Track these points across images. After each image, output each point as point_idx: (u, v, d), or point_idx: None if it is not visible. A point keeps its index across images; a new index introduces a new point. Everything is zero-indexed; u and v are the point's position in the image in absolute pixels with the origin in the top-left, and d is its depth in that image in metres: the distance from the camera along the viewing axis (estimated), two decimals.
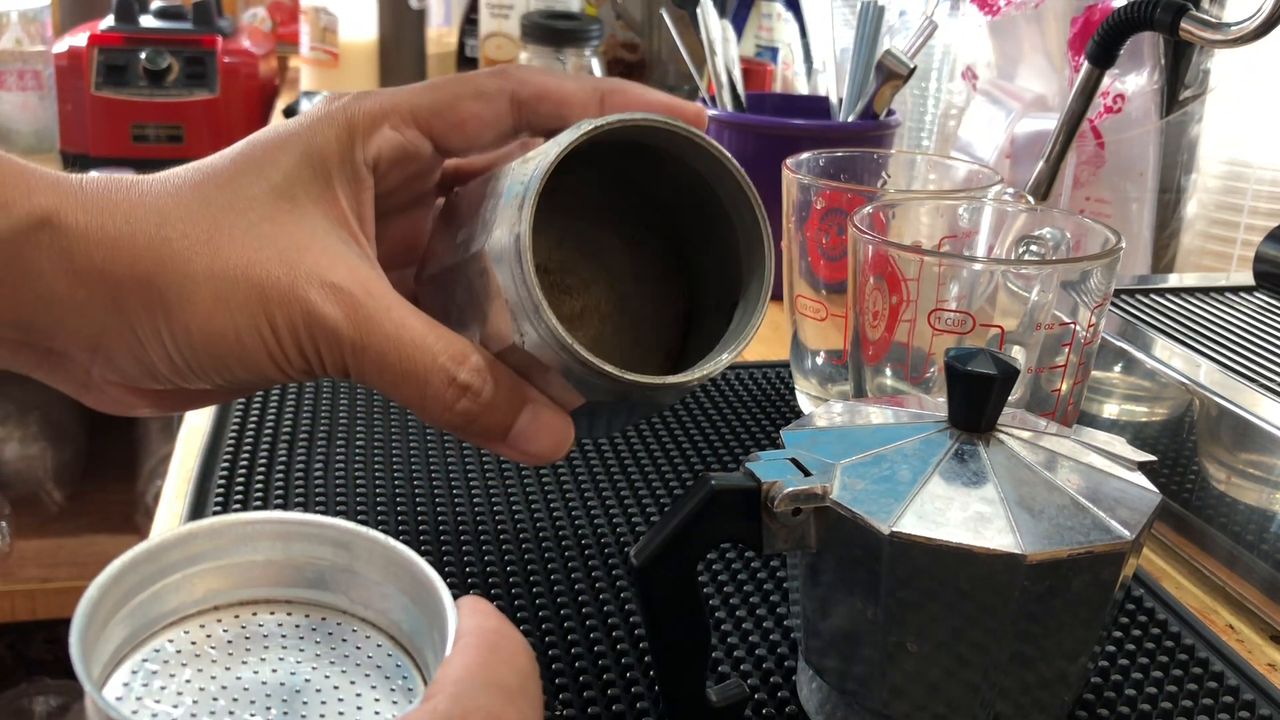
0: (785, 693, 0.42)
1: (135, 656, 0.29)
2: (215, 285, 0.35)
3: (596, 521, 0.53)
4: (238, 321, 0.36)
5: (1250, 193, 0.81)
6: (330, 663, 0.30)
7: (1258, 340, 0.61)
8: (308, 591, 0.31)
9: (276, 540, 0.31)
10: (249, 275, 0.35)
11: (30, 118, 1.65)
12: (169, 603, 0.30)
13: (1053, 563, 0.34)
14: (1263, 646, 0.50)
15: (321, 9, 1.55)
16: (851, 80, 0.85)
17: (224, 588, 0.31)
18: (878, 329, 0.52)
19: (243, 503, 0.52)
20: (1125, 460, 0.39)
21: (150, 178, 0.38)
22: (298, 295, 0.36)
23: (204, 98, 1.55)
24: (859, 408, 0.43)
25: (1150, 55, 0.79)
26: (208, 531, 0.30)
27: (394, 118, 0.39)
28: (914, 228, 0.57)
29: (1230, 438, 0.53)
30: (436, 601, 0.28)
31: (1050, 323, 0.49)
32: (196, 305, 0.35)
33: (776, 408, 0.66)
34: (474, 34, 1.64)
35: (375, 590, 0.31)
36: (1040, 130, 0.83)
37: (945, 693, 0.37)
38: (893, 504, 0.35)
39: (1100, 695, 0.43)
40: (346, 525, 0.31)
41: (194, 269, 0.35)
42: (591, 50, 1.54)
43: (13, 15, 1.62)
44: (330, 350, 0.36)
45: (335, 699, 0.28)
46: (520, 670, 0.26)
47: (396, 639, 0.31)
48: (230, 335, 0.36)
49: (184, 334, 0.36)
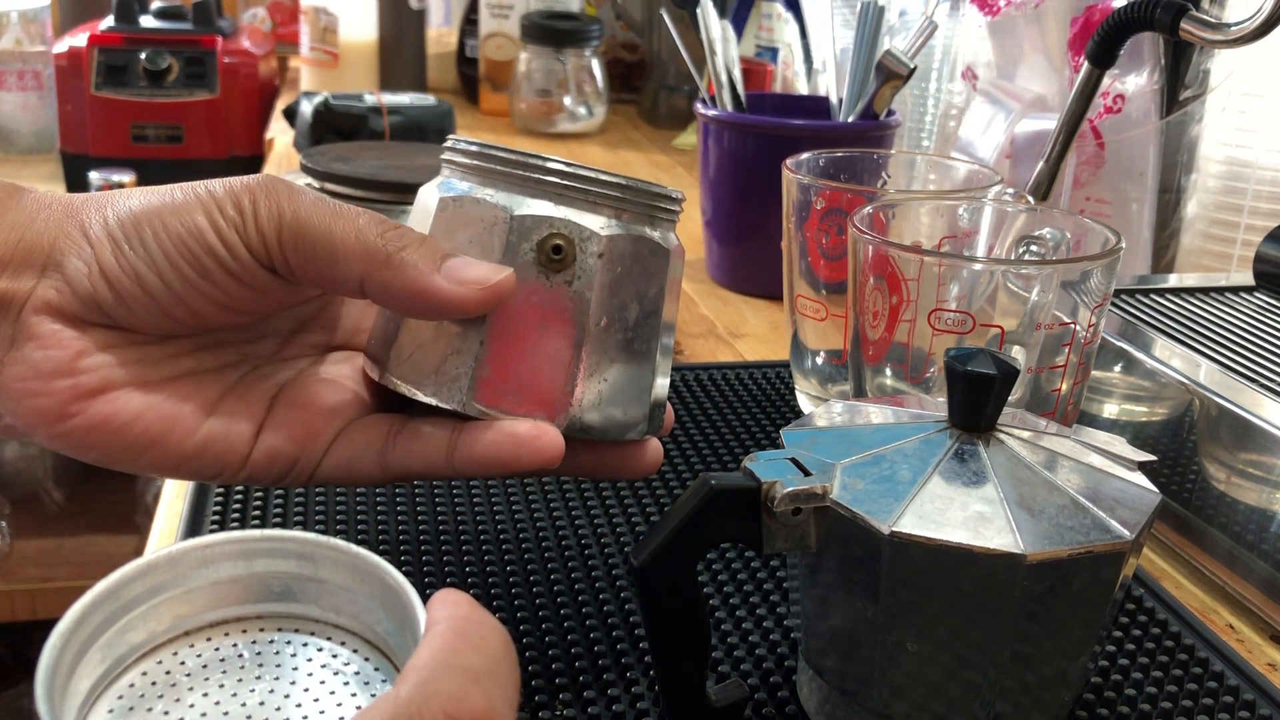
0: (785, 693, 0.42)
1: (110, 694, 0.28)
2: (167, 187, 0.39)
3: (596, 521, 0.53)
4: (182, 192, 0.38)
5: (1250, 193, 0.81)
6: (308, 674, 0.29)
7: (1258, 340, 0.61)
8: (277, 605, 0.31)
9: (238, 559, 0.31)
10: (195, 183, 0.39)
11: (30, 118, 1.65)
12: (138, 635, 0.29)
13: (1053, 563, 0.34)
14: (1263, 646, 0.50)
15: (321, 9, 1.55)
16: (851, 80, 0.85)
17: (192, 612, 0.30)
18: (878, 329, 0.52)
19: (242, 502, 0.52)
20: (1125, 460, 0.39)
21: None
22: (240, 180, 0.39)
23: (204, 98, 1.55)
24: (859, 408, 0.43)
25: (1150, 55, 0.79)
26: (167, 561, 0.30)
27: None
28: (914, 228, 0.57)
29: (1230, 438, 0.53)
30: (405, 603, 0.28)
31: (1050, 323, 0.49)
32: (146, 193, 0.39)
33: (776, 408, 0.66)
34: (474, 34, 1.64)
35: (345, 597, 0.31)
36: (1040, 130, 0.83)
37: (945, 693, 0.37)
38: (893, 504, 0.35)
39: (1100, 695, 0.43)
40: (306, 536, 0.31)
41: (147, 188, 0.39)
42: (591, 50, 1.54)
43: (13, 15, 1.62)
44: (267, 206, 0.38)
45: (316, 711, 0.28)
46: (490, 654, 0.26)
47: (373, 643, 0.31)
48: (170, 198, 0.38)
49: (127, 206, 0.38)
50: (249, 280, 0.38)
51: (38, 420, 0.37)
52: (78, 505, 1.67)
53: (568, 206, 0.39)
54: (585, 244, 0.39)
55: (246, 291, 0.38)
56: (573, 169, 0.39)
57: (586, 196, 0.39)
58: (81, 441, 0.38)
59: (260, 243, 0.37)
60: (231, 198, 0.38)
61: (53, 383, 0.37)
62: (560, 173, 0.39)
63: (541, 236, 0.39)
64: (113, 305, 0.37)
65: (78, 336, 0.37)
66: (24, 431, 0.38)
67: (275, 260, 0.38)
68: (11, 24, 1.62)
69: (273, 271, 0.38)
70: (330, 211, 0.38)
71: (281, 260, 0.38)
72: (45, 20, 1.68)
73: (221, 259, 0.37)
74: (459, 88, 1.72)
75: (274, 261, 0.38)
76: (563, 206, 0.39)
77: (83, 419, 0.37)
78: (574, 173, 0.39)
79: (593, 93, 1.54)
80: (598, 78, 1.55)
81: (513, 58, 1.57)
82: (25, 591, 1.52)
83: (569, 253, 0.39)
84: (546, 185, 0.39)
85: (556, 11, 1.58)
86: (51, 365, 0.37)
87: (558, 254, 0.39)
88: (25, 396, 0.37)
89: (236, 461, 0.40)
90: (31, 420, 0.38)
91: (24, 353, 0.37)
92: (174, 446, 0.39)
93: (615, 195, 0.39)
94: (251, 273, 0.38)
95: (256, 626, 0.31)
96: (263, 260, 0.38)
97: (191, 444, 0.39)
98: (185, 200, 0.38)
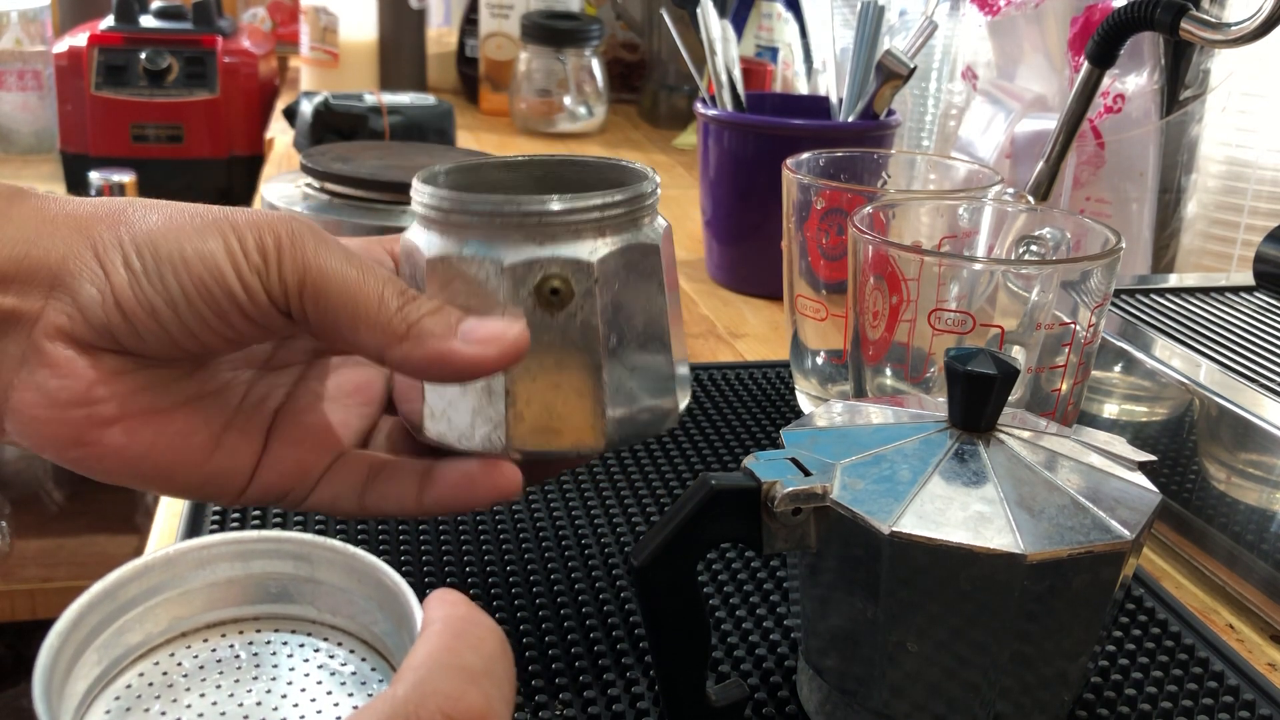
0: (785, 693, 0.42)
1: (107, 695, 0.28)
2: (182, 207, 0.38)
3: (596, 521, 0.53)
4: (202, 220, 0.37)
5: (1250, 193, 0.81)
6: (305, 675, 0.29)
7: (1258, 340, 0.61)
8: (274, 606, 0.31)
9: (235, 560, 0.31)
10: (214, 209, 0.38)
11: (30, 118, 1.65)
12: (135, 636, 0.29)
13: (1053, 562, 0.34)
14: (1263, 646, 0.50)
15: (321, 9, 1.56)
16: (851, 80, 0.85)
17: (188, 614, 0.30)
18: (878, 329, 0.52)
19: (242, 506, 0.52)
20: (1125, 460, 0.39)
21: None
22: (266, 217, 0.38)
23: (204, 98, 1.55)
24: (859, 408, 0.43)
25: (1150, 55, 0.79)
26: (163, 562, 0.30)
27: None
28: (914, 228, 0.57)
29: (1230, 438, 0.53)
30: (402, 603, 0.28)
31: (1050, 323, 0.49)
32: (162, 214, 0.38)
33: (776, 408, 0.66)
34: (474, 34, 1.64)
35: (341, 597, 0.31)
36: (1040, 130, 0.83)
37: (945, 692, 0.37)
38: (893, 504, 0.35)
39: (1100, 695, 0.43)
40: (303, 537, 0.31)
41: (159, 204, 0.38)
42: (591, 50, 1.54)
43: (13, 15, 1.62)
44: (292, 256, 0.37)
45: (313, 712, 0.28)
46: (486, 653, 0.26)
47: (370, 644, 0.31)
48: (189, 225, 0.37)
49: (144, 230, 0.37)
50: (262, 321, 0.38)
51: (50, 446, 0.37)
52: (78, 505, 1.67)
53: (552, 243, 0.38)
54: (579, 276, 0.39)
55: (257, 330, 0.38)
56: (544, 205, 0.38)
57: (567, 227, 0.39)
58: (93, 467, 0.38)
59: (282, 291, 0.37)
60: (255, 237, 0.37)
61: (68, 412, 0.37)
62: (535, 212, 0.38)
63: (536, 281, 0.38)
64: (125, 334, 0.37)
65: (91, 365, 0.37)
66: (32, 450, 0.38)
67: (294, 311, 0.37)
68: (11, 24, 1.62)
69: (288, 316, 0.38)
70: (356, 274, 0.37)
71: (300, 312, 0.37)
72: (45, 20, 1.68)
73: (240, 302, 0.37)
74: (459, 88, 1.72)
75: (292, 311, 0.37)
76: (548, 245, 0.38)
77: (95, 449, 0.37)
78: (547, 209, 0.38)
79: (593, 93, 1.54)
80: (598, 78, 1.55)
81: (513, 58, 1.57)
82: (25, 591, 1.52)
83: (566, 290, 0.39)
84: (526, 227, 0.38)
85: (556, 11, 1.58)
86: (67, 395, 0.37)
87: (555, 295, 0.39)
88: (39, 424, 0.37)
89: (235, 492, 0.41)
90: (43, 445, 0.38)
91: (37, 379, 0.37)
92: (180, 479, 0.40)
93: (595, 216, 0.39)
94: (267, 316, 0.37)
95: (253, 628, 0.31)
96: (281, 308, 0.37)
97: (198, 477, 0.40)
98: (206, 230, 0.37)
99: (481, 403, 0.39)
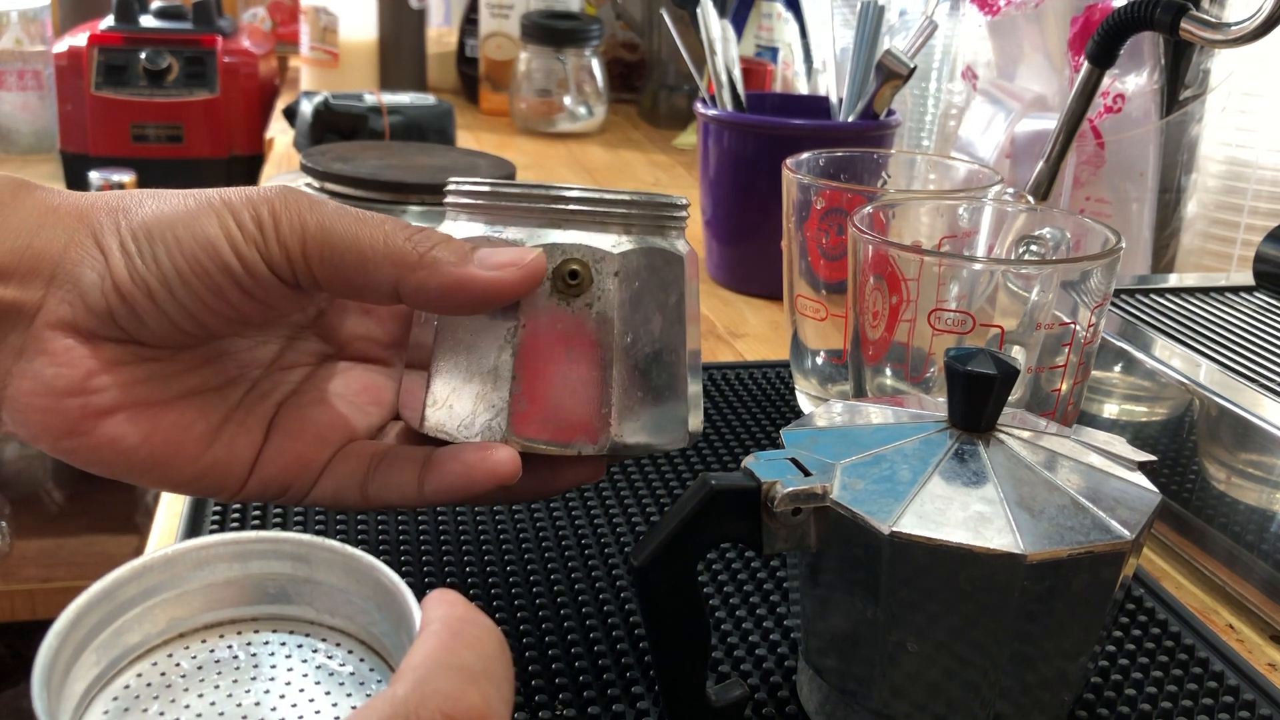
0: (785, 693, 0.42)
1: (105, 695, 0.28)
2: (178, 192, 0.38)
3: (596, 521, 0.53)
4: (195, 201, 0.37)
5: (1250, 193, 0.81)
6: (303, 675, 0.29)
7: (1258, 340, 0.61)
8: (272, 607, 0.31)
9: (233, 561, 0.31)
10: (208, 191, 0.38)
11: (30, 118, 1.65)
12: (133, 636, 0.29)
13: (1053, 563, 0.34)
14: (1263, 646, 0.50)
15: (321, 9, 1.56)
16: (851, 80, 0.85)
17: (187, 614, 0.30)
18: (878, 329, 0.52)
19: (242, 504, 0.52)
20: (1125, 460, 0.39)
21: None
22: (258, 191, 0.38)
23: (204, 98, 1.55)
24: (859, 408, 0.43)
25: (1150, 55, 0.79)
26: (162, 562, 0.30)
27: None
28: (914, 228, 0.57)
29: (1230, 438, 0.53)
30: (400, 603, 0.28)
31: (1050, 323, 0.49)
32: (158, 199, 0.38)
33: (776, 408, 0.66)
34: (474, 34, 1.64)
35: (340, 598, 0.31)
36: (1040, 130, 0.83)
37: (945, 693, 0.37)
38: (893, 504, 0.35)
39: (1100, 695, 0.43)
40: (301, 537, 0.31)
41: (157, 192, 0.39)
42: (591, 50, 1.54)
43: (13, 15, 1.62)
44: (288, 219, 0.37)
45: (312, 712, 0.28)
46: (485, 653, 0.26)
47: (369, 644, 0.30)
48: (184, 207, 0.37)
49: (140, 215, 0.37)
50: (260, 295, 0.38)
51: (44, 435, 0.37)
52: (78, 505, 1.67)
53: (577, 230, 0.39)
54: (600, 265, 0.39)
55: (257, 306, 0.38)
56: (576, 193, 0.39)
57: (594, 217, 0.39)
58: (87, 459, 0.38)
59: (283, 256, 0.37)
60: (250, 209, 0.37)
61: (63, 401, 0.37)
62: (565, 199, 0.39)
63: (556, 264, 0.39)
64: (125, 317, 0.37)
65: (89, 355, 0.37)
66: (27, 441, 0.38)
67: (299, 273, 0.37)
68: (11, 24, 1.62)
69: (293, 285, 0.38)
70: (354, 219, 0.38)
71: (306, 272, 0.37)
72: (45, 20, 1.68)
73: (236, 275, 0.37)
74: (459, 87, 1.72)
75: (297, 274, 0.37)
76: (572, 231, 0.39)
77: (90, 439, 0.37)
78: (578, 196, 0.39)
79: (593, 92, 1.54)
80: (598, 77, 1.55)
81: (513, 57, 1.57)
82: (25, 591, 1.52)
83: (585, 276, 0.39)
84: (554, 213, 0.39)
85: (556, 11, 1.58)
86: (63, 383, 0.37)
87: (574, 279, 0.39)
88: (34, 412, 0.37)
89: (234, 486, 0.41)
90: (38, 435, 0.38)
91: (35, 367, 0.37)
92: (177, 471, 0.39)
93: (621, 212, 0.40)
94: (265, 287, 0.38)
95: (251, 628, 0.31)
96: (284, 275, 0.37)
97: (194, 469, 0.40)
98: (200, 211, 0.37)
99: (486, 387, 0.40)
